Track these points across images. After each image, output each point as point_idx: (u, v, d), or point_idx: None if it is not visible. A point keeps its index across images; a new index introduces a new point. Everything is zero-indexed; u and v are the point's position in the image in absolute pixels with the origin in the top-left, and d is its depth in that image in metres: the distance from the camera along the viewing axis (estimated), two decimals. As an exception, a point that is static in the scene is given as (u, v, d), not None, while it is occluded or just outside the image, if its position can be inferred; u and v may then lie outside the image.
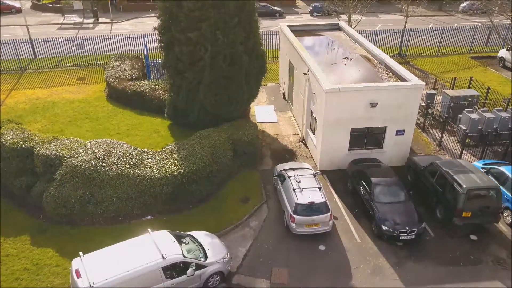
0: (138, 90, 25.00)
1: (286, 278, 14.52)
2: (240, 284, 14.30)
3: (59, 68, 32.37)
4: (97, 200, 16.48)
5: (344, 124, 18.99)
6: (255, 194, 18.46)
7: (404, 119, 19.23)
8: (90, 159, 16.71)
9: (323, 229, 15.97)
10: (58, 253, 15.13)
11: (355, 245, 15.97)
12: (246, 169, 19.99)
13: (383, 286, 14.25)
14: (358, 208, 17.71)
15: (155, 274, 12.59)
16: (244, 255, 15.44)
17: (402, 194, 16.80)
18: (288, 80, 26.51)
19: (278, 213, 17.41)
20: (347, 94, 18.35)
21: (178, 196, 17.06)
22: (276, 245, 15.89)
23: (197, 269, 13.38)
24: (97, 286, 11.81)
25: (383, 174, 17.66)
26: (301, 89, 22.41)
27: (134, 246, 13.26)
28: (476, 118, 21.44)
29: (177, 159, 17.45)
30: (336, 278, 14.54)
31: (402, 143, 19.95)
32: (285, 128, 24.27)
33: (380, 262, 15.20)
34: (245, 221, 17.05)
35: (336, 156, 19.85)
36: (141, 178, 16.56)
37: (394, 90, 18.53)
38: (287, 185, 16.81)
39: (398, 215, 16.00)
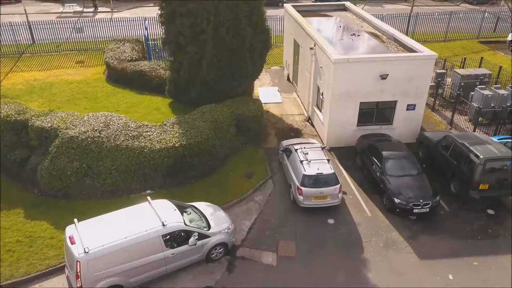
0: (138, 69, 24.25)
1: (294, 250, 13.70)
2: (244, 257, 13.48)
3: (57, 53, 31.58)
4: (94, 173, 15.69)
5: (353, 97, 18.17)
6: (259, 170, 17.65)
7: (415, 92, 18.41)
8: (87, 130, 15.93)
9: (332, 202, 15.15)
10: (53, 225, 14.35)
11: (365, 219, 15.14)
12: (250, 146, 19.19)
13: (397, 259, 13.40)
14: (368, 184, 16.88)
15: (155, 242, 11.78)
16: (249, 229, 14.64)
17: (415, 167, 15.98)
18: (292, 61, 25.73)
19: (284, 188, 16.60)
20: (356, 65, 17.54)
21: (179, 170, 16.26)
22: (282, 219, 15.08)
23: (200, 239, 12.57)
24: (93, 252, 11.00)
25: (395, 148, 16.84)
26: (307, 66, 21.62)
27: (132, 214, 12.47)
28: (489, 95, 20.62)
29: (178, 131, 16.66)
30: (347, 251, 13.72)
31: (413, 119, 19.13)
32: (290, 108, 23.47)
33: (393, 235, 14.37)
34: (249, 196, 16.24)
35: (344, 132, 19.04)
36: (140, 149, 15.77)
37: (405, 61, 17.74)
38: (294, 158, 16.00)
39: (411, 188, 15.19)
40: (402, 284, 12.49)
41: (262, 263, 13.23)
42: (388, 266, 13.14)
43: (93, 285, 11.18)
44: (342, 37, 22.15)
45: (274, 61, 30.40)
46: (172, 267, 12.40)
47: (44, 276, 12.63)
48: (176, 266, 12.48)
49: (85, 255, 10.91)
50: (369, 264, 13.20)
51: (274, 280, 12.63)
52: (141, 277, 11.91)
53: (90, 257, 10.94)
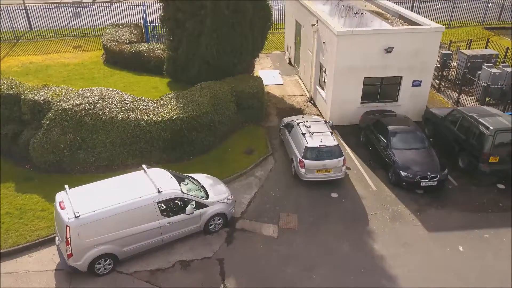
0: (136, 50, 23.69)
1: (296, 223, 13.09)
2: (244, 229, 12.89)
3: (55, 38, 31.08)
4: (88, 146, 15.12)
5: (357, 72, 17.57)
6: (260, 146, 17.06)
7: (421, 68, 17.79)
8: (81, 103, 15.35)
9: (336, 176, 14.55)
10: (44, 198, 13.78)
11: (370, 193, 14.53)
12: (251, 125, 18.61)
13: (404, 231, 12.78)
14: (372, 160, 16.28)
15: (150, 209, 11.18)
16: (249, 202, 14.05)
17: (422, 140, 15.38)
18: (294, 44, 25.15)
19: (286, 164, 16.01)
20: (360, 38, 16.94)
21: (176, 144, 15.68)
22: (283, 193, 14.48)
23: (197, 209, 11.97)
24: (84, 217, 10.41)
25: (401, 123, 16.24)
26: (309, 45, 21.02)
27: (126, 181, 11.88)
28: (497, 73, 20.01)
29: (176, 105, 16.07)
30: (351, 223, 13.11)
31: (419, 96, 18.51)
32: (291, 90, 22.88)
33: (399, 209, 13.76)
34: (249, 171, 15.65)
35: (347, 109, 18.44)
36: (136, 122, 15.19)
37: (410, 34, 17.13)
38: (296, 132, 15.40)
39: (418, 161, 14.59)
40: (411, 256, 11.87)
41: (263, 235, 12.63)
42: (394, 238, 12.53)
43: (83, 253, 10.59)
44: (345, 15, 21.55)
45: (275, 47, 29.86)
46: (168, 237, 11.80)
47: (34, 247, 12.06)
48: (172, 236, 11.88)
49: (76, 220, 10.31)
50: (375, 236, 12.59)
51: (275, 251, 12.03)
52: (135, 247, 11.31)
53: (80, 222, 10.34)
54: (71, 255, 10.46)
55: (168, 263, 11.61)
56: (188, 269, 11.43)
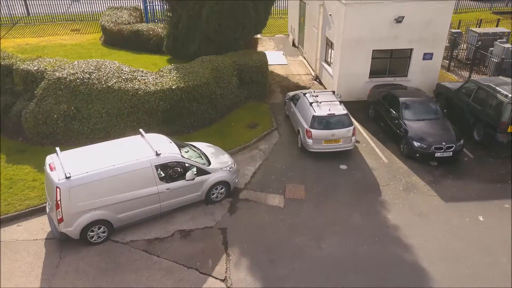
0: (135, 29, 22.95)
1: (303, 193, 12.28)
2: (248, 199, 12.08)
3: (52, 22, 30.35)
4: (83, 117, 14.33)
5: (365, 44, 16.77)
6: (264, 121, 16.26)
7: (432, 39, 16.99)
8: (76, 72, 14.57)
9: (345, 147, 13.74)
10: (36, 169, 13.00)
11: (382, 164, 13.72)
12: (254, 101, 17.81)
13: (419, 201, 11.96)
14: (383, 134, 15.47)
15: (147, 173, 10.37)
16: (253, 174, 13.25)
17: (435, 111, 14.60)
18: (298, 24, 24.35)
19: (291, 138, 15.22)
20: (369, 7, 16.14)
21: (176, 116, 14.90)
22: (289, 164, 13.68)
23: (199, 175, 11.17)
24: (76, 178, 9.61)
25: (412, 94, 15.43)
26: (314, 22, 20.23)
27: (123, 144, 11.08)
28: (510, 48, 19.18)
29: (176, 76, 15.30)
30: (362, 194, 12.30)
31: (430, 70, 17.70)
32: (296, 69, 22.09)
33: (413, 180, 12.94)
34: (253, 144, 14.85)
35: (355, 84, 17.63)
36: (134, 91, 14.40)
37: (422, 3, 16.30)
38: (302, 102, 14.61)
39: (432, 131, 13.79)
40: (428, 225, 11.05)
41: (268, 205, 11.83)
42: (409, 208, 11.71)
43: (75, 218, 9.78)
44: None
45: (279, 30, 29.13)
46: (167, 206, 11.00)
47: (24, 217, 11.27)
48: (172, 204, 11.07)
49: (67, 181, 9.51)
50: (388, 206, 11.78)
51: (281, 220, 11.22)
52: (131, 214, 10.51)
53: (72, 183, 9.54)
54: (61, 219, 9.66)
55: (167, 233, 10.81)
56: (188, 239, 10.63)
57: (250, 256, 10.09)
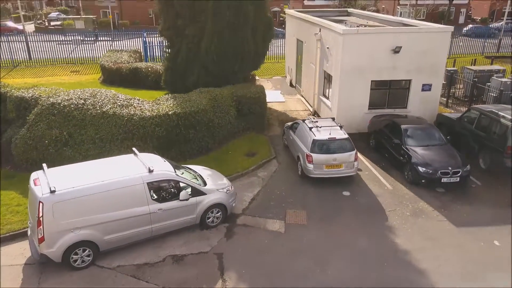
0: (134, 67, 23.16)
1: (305, 219, 11.53)
2: (247, 224, 11.29)
3: (53, 65, 30.79)
4: (75, 142, 13.81)
5: (363, 74, 16.73)
6: (262, 150, 15.80)
7: (430, 70, 17.00)
8: (71, 98, 14.30)
9: (347, 172, 13.17)
10: (22, 195, 12.25)
11: (386, 191, 13.08)
12: (252, 132, 17.44)
13: (428, 226, 11.20)
14: (385, 162, 14.96)
15: (139, 191, 9.71)
16: (251, 199, 12.55)
17: (439, 137, 14.24)
18: (295, 64, 24.67)
19: (291, 166, 14.68)
20: (366, 38, 16.28)
21: (172, 143, 14.42)
22: (290, 191, 13.03)
23: (193, 196, 10.49)
24: (61, 193, 8.93)
25: (414, 122, 15.15)
26: (312, 58, 20.42)
27: (114, 162, 10.52)
28: (508, 82, 19.24)
29: (173, 103, 15.03)
30: (368, 218, 11.57)
31: (429, 101, 17.56)
32: (294, 105, 22.01)
33: (420, 205, 12.25)
34: (251, 172, 14.28)
35: (355, 116, 17.37)
36: (129, 117, 14.04)
37: (418, 34, 16.51)
38: (302, 129, 14.24)
39: (437, 157, 13.32)
40: (440, 249, 10.24)
41: (268, 230, 11.03)
42: (419, 233, 10.93)
43: (58, 238, 8.98)
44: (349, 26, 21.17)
45: (276, 73, 29.63)
46: (159, 228, 10.21)
47: (4, 242, 10.40)
48: (164, 227, 10.29)
49: (51, 196, 8.83)
50: (396, 231, 11.00)
51: (282, 245, 10.39)
52: (120, 236, 9.69)
53: (56, 198, 8.85)
54: (42, 239, 8.85)
55: (158, 257, 9.93)
56: (181, 264, 9.75)
57: (249, 281, 9.18)
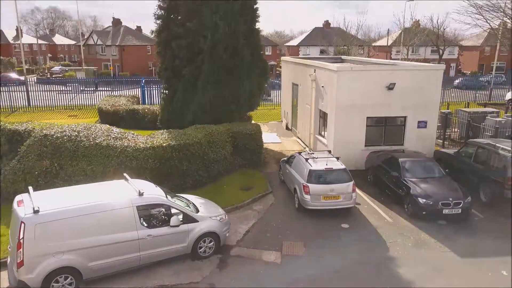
0: (131, 108, 23.29)
1: (302, 250, 10.97)
2: (241, 255, 10.71)
3: (51, 111, 31.08)
4: (66, 174, 13.48)
5: (359, 111, 16.80)
6: (258, 185, 15.45)
7: (425, 106, 17.12)
8: (64, 130, 14.18)
9: (345, 204, 12.77)
10: (5, 225, 11.66)
11: (386, 223, 12.61)
12: (248, 168, 17.18)
13: (432, 257, 10.65)
14: (384, 197, 14.59)
15: (128, 214, 9.28)
16: (246, 231, 12.03)
17: (438, 170, 14.01)
18: (291, 107, 24.95)
19: (288, 199, 14.29)
20: (361, 75, 16.57)
21: (166, 175, 14.08)
22: (286, 223, 12.54)
23: (185, 223, 10.02)
24: (44, 214, 8.49)
25: (412, 155, 14.99)
26: (307, 100, 20.66)
27: (104, 186, 10.17)
28: (502, 121, 19.36)
29: (167, 136, 14.91)
30: (368, 249, 11.02)
31: (426, 138, 17.51)
32: (290, 146, 21.91)
33: (422, 237, 11.75)
34: (247, 205, 13.84)
35: (351, 153, 17.16)
36: (122, 148, 13.83)
37: (411, 71, 16.84)
38: (298, 161, 14.02)
39: (437, 188, 13.03)
40: (446, 280, 9.64)
41: (263, 261, 10.45)
42: (422, 263, 10.37)
43: (38, 262, 8.41)
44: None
45: (272, 118, 29.85)
46: (148, 256, 9.63)
47: (-19, 272, 9.74)
48: (153, 255, 9.71)
49: (33, 216, 8.39)
50: (398, 261, 10.44)
51: (278, 276, 9.77)
52: (105, 263, 9.11)
53: (39, 219, 8.41)
54: (21, 263, 8.28)
55: (145, 288, 9.28)
56: (170, 294, 9.09)
57: (242, 311, 8.51)
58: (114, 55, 60.27)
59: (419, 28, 52.65)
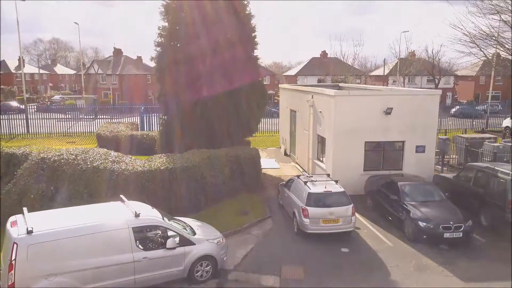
0: (129, 134, 23.32)
1: (302, 274, 10.71)
2: (238, 280, 10.44)
3: (49, 137, 31.11)
4: (62, 198, 13.30)
5: (357, 135, 16.84)
6: (257, 209, 15.29)
7: (423, 131, 17.17)
8: (62, 154, 14.13)
9: (345, 227, 12.59)
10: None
11: (386, 248, 12.39)
12: (247, 193, 17.03)
13: (434, 281, 10.40)
14: (384, 221, 14.40)
15: (123, 236, 9.11)
16: (244, 256, 11.79)
17: (438, 194, 13.90)
18: (289, 133, 25.05)
19: (287, 224, 14.12)
20: (358, 100, 16.74)
21: (164, 198, 13.93)
22: (285, 248, 12.31)
23: (181, 246, 9.83)
24: (38, 234, 8.32)
25: (411, 179, 14.92)
26: (305, 125, 20.76)
27: (100, 207, 10.04)
28: (500, 146, 19.40)
29: (166, 160, 14.86)
30: (369, 273, 10.77)
31: (424, 162, 17.46)
32: (288, 171, 21.82)
33: (424, 261, 11.51)
34: (245, 229, 13.62)
35: (350, 178, 17.03)
36: (120, 171, 13.73)
37: (408, 96, 17.02)
38: (297, 184, 13.93)
39: (437, 212, 12.89)
40: (449, 304, 9.38)
41: (261, 285, 10.19)
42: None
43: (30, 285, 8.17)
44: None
45: (270, 145, 29.89)
46: (143, 280, 9.38)
47: (-30, 297, 9.43)
48: (149, 279, 9.46)
49: (27, 237, 8.22)
50: (400, 285, 10.18)
51: (277, 300, 9.49)
52: (99, 286, 8.84)
53: (33, 240, 8.24)
54: (12, 285, 8.04)
55: (140, 312, 8.98)
56: (165, 319, 8.79)
57: (239, 337, 8.21)
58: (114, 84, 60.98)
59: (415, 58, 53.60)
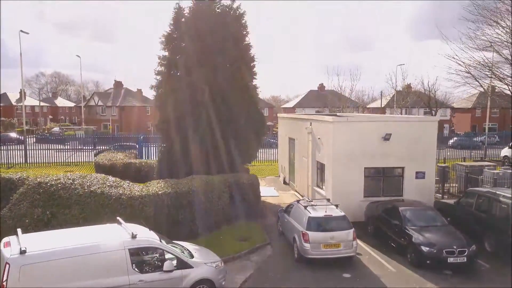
0: (127, 162, 23.24)
1: (303, 299, 10.37)
2: (238, 305, 10.09)
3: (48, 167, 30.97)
4: (58, 223, 13.00)
5: (356, 161, 16.78)
6: (256, 236, 15.00)
7: (422, 156, 17.14)
8: (59, 178, 13.99)
9: (346, 252, 12.31)
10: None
11: (389, 273, 12.08)
12: (245, 220, 16.77)
13: (440, 306, 10.08)
14: (385, 247, 14.11)
15: (119, 258, 8.87)
16: (243, 281, 11.46)
17: (439, 219, 13.72)
18: (288, 162, 25.00)
19: (286, 250, 13.81)
20: (356, 126, 16.80)
21: (161, 224, 13.65)
22: (285, 274, 12.01)
23: (179, 268, 9.56)
24: (32, 255, 8.09)
25: (412, 204, 14.76)
26: (304, 153, 20.76)
27: (96, 229, 9.82)
28: (500, 173, 19.33)
29: (164, 185, 14.72)
30: (373, 299, 10.42)
31: (424, 188, 17.33)
32: (288, 199, 21.54)
33: (428, 286, 11.18)
34: (244, 255, 13.32)
35: (350, 204, 16.82)
36: (117, 196, 13.55)
37: (406, 123, 17.09)
38: (297, 209, 13.76)
39: (440, 236, 12.67)
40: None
41: (261, 311, 9.82)
42: (431, 313, 9.77)
43: (22, 308, 7.87)
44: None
45: (269, 174, 29.80)
46: (138, 305, 9.06)
47: (-43, 323, 9.05)
48: (144, 303, 9.13)
49: (19, 257, 8.00)
50: (405, 311, 9.84)
51: (277, 326, 9.13)
52: (93, 310, 8.53)
53: (26, 260, 8.01)
54: (3, 308, 7.75)
55: None
56: None
57: None
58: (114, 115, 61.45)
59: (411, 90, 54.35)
